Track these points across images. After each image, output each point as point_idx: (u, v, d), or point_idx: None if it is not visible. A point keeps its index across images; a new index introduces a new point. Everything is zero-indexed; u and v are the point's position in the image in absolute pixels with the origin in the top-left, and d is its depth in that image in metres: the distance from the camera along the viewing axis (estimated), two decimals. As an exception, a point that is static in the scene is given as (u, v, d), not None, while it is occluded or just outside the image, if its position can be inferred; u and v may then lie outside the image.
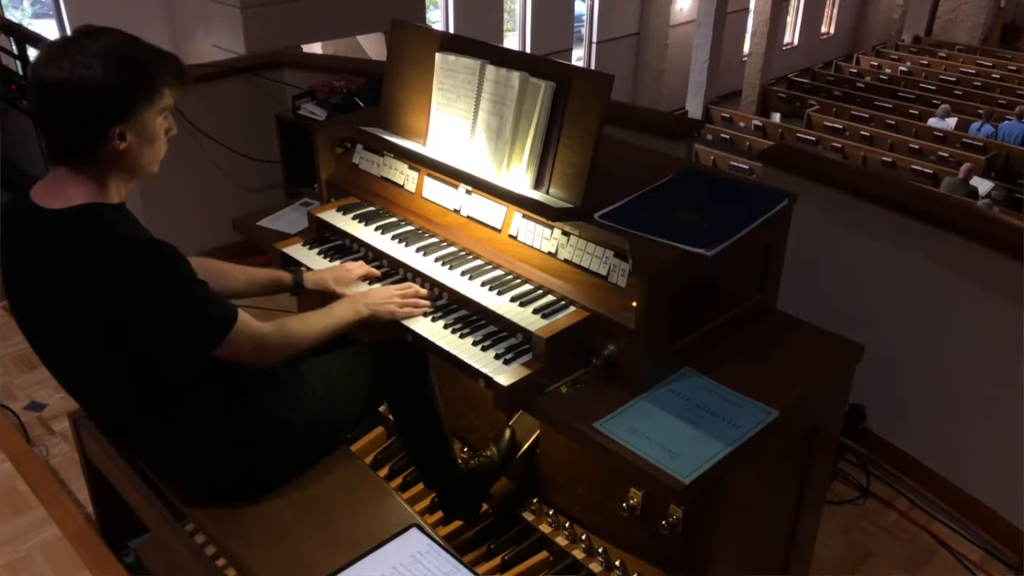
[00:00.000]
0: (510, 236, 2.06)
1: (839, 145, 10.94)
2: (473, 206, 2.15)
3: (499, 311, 1.90)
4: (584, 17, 13.34)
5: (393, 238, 2.20)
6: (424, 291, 2.03)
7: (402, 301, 1.97)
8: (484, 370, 1.80)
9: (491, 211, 2.10)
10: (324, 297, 2.09)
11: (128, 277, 1.52)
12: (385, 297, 1.97)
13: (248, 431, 1.77)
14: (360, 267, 2.13)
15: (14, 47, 4.81)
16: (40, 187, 1.62)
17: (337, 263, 2.20)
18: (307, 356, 1.95)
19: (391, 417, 2.25)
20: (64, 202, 1.57)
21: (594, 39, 13.47)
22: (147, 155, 1.62)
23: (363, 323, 1.93)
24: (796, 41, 17.00)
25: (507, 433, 2.22)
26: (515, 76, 2.01)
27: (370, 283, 2.12)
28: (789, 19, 16.43)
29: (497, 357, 1.83)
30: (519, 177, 2.04)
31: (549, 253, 1.98)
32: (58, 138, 1.56)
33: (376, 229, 2.25)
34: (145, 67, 1.55)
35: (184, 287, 1.59)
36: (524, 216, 2.02)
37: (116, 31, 1.57)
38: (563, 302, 1.90)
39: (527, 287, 1.97)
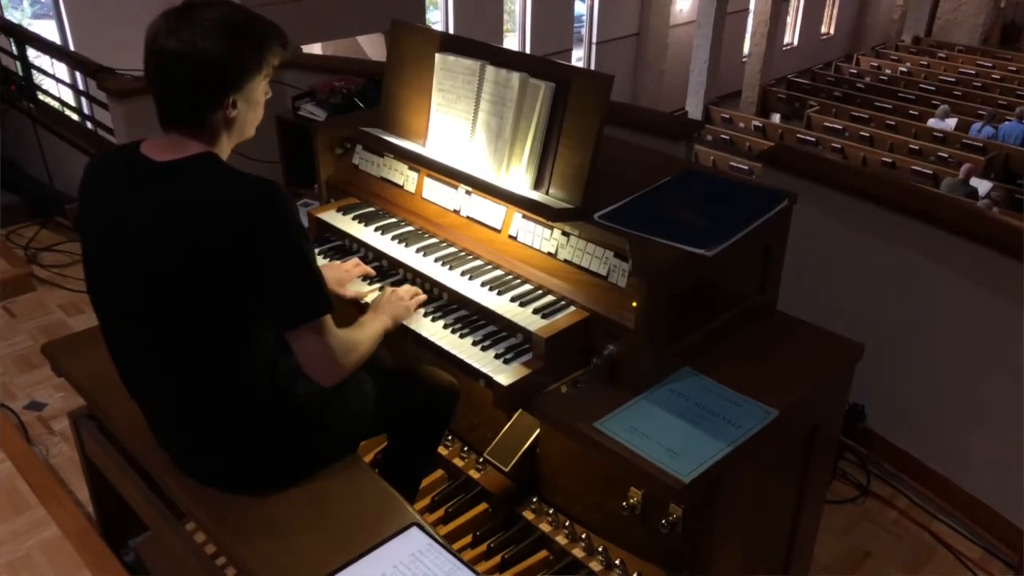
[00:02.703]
0: (510, 236, 2.06)
1: (839, 146, 10.95)
2: (473, 206, 2.15)
3: (499, 311, 1.90)
4: (584, 17, 13.34)
5: (393, 239, 2.20)
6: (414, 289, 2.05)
7: (408, 298, 1.99)
8: (484, 370, 1.80)
9: (491, 211, 2.11)
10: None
11: (260, 215, 1.54)
12: (398, 304, 1.97)
13: (279, 421, 1.76)
14: (356, 266, 2.14)
15: (14, 47, 4.82)
16: (150, 145, 1.65)
17: (335, 263, 2.20)
18: None
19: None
20: (181, 153, 1.61)
21: (594, 39, 13.47)
22: (251, 119, 1.71)
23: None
24: (796, 42, 17.01)
25: None
26: (515, 77, 2.01)
27: (367, 282, 2.13)
28: (789, 20, 16.44)
29: (497, 357, 1.83)
30: (519, 177, 2.04)
31: (549, 253, 1.98)
32: (174, 106, 1.61)
33: (376, 230, 2.25)
34: (257, 37, 1.63)
35: (309, 242, 1.62)
36: (524, 216, 2.03)
37: (225, 1, 1.63)
38: (563, 302, 1.90)
39: (527, 287, 1.98)
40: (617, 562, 2.03)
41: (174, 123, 1.63)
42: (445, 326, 1.94)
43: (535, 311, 1.88)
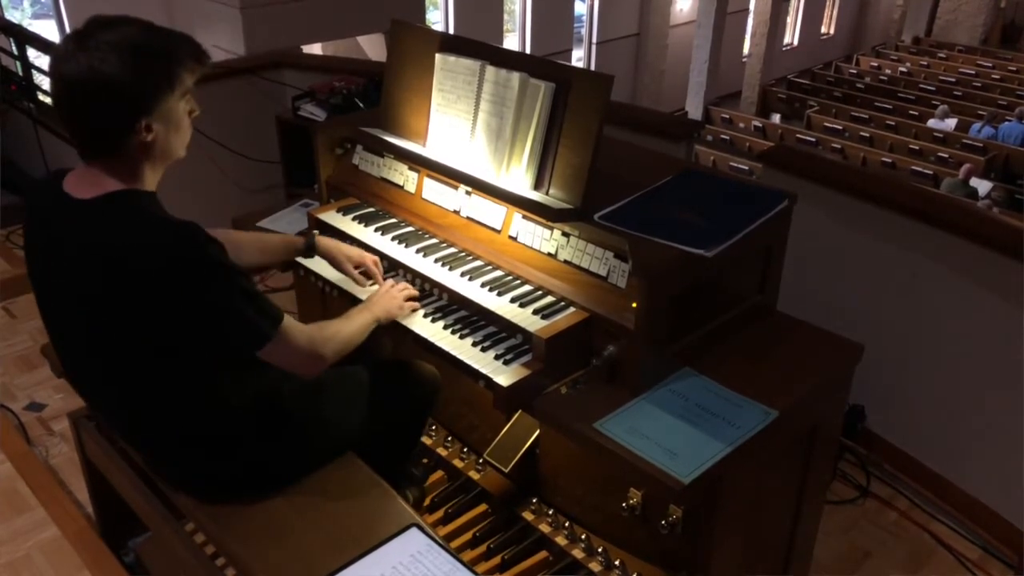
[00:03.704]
0: (510, 237, 2.06)
1: (839, 146, 10.95)
2: (473, 207, 2.15)
3: (499, 312, 1.90)
4: (584, 17, 13.34)
5: (393, 239, 2.20)
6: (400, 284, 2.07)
7: (402, 297, 2.00)
8: (484, 370, 1.80)
9: (491, 212, 2.11)
10: (324, 303, 2.11)
11: (174, 265, 1.50)
12: (391, 301, 1.97)
13: (267, 428, 1.77)
14: (372, 261, 2.13)
15: (14, 47, 4.82)
16: (72, 178, 1.61)
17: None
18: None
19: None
20: (98, 190, 1.56)
21: (594, 39, 13.47)
22: (175, 141, 1.62)
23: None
24: (796, 42, 17.00)
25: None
26: (515, 77, 2.01)
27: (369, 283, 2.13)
28: (789, 20, 16.43)
29: (497, 358, 1.83)
30: (519, 178, 2.04)
31: (549, 254, 1.98)
32: (84, 135, 1.56)
33: (376, 230, 2.25)
34: (164, 55, 1.54)
35: (232, 278, 1.57)
36: (524, 217, 2.03)
37: (129, 20, 1.55)
38: (563, 303, 1.90)
39: (527, 288, 1.98)
40: (617, 563, 2.03)
41: (90, 153, 1.58)
42: (445, 327, 1.94)
43: (535, 312, 1.88)
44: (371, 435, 2.00)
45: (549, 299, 1.92)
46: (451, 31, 10.66)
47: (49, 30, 8.13)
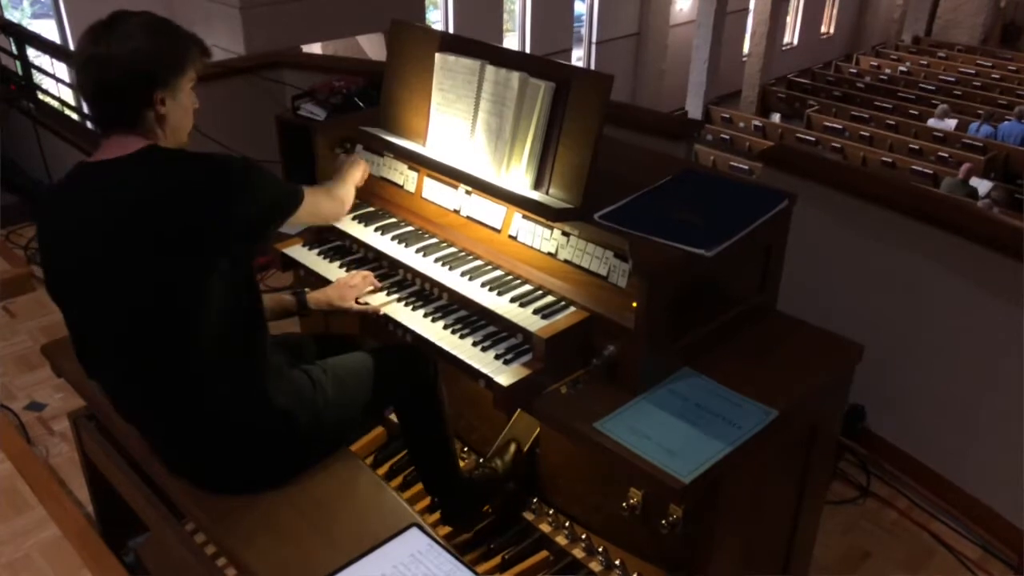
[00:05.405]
0: (510, 236, 2.06)
1: (839, 145, 10.95)
2: (473, 206, 2.15)
3: (499, 311, 1.90)
4: (584, 17, 13.35)
5: (393, 239, 2.20)
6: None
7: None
8: (484, 370, 1.80)
9: (491, 211, 2.11)
10: (327, 314, 2.12)
11: (217, 175, 1.65)
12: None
13: (256, 424, 1.77)
14: (362, 279, 2.11)
15: (14, 47, 4.82)
16: (96, 154, 1.70)
17: (342, 272, 2.19)
18: (313, 356, 1.97)
19: (394, 419, 2.25)
20: (129, 149, 1.66)
21: (594, 39, 13.48)
22: (183, 124, 1.76)
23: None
24: (796, 41, 17.01)
25: (512, 447, 2.23)
26: (515, 76, 2.01)
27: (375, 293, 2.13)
28: (789, 19, 16.43)
29: (497, 357, 1.83)
30: (519, 177, 2.04)
31: (549, 253, 1.98)
32: (109, 108, 1.67)
33: (376, 230, 2.25)
34: (178, 39, 1.71)
35: (258, 170, 1.74)
36: (524, 216, 2.03)
37: (149, 12, 1.71)
38: (563, 302, 1.90)
39: (527, 287, 1.98)
40: (617, 562, 2.03)
41: (111, 126, 1.68)
42: (445, 327, 1.94)
43: (535, 311, 1.88)
44: (370, 423, 2.00)
45: (549, 299, 1.92)
46: (451, 31, 10.66)
47: (49, 30, 8.13)
